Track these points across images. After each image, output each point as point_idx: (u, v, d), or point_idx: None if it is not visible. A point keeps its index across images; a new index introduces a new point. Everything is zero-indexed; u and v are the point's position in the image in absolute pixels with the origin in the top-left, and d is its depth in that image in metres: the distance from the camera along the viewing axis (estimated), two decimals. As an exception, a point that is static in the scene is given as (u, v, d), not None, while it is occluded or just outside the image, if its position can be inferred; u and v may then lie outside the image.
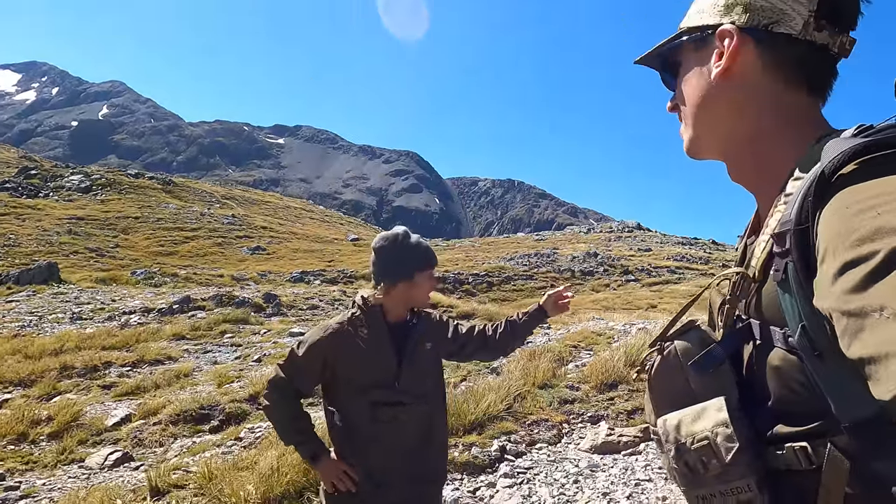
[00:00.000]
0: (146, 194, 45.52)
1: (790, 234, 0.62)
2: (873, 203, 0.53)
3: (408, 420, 1.97)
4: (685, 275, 29.19)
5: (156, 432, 5.36)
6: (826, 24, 0.72)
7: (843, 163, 0.59)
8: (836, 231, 0.55)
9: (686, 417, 0.76)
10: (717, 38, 0.77)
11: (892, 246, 0.47)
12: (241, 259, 31.91)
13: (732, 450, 0.70)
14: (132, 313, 12.06)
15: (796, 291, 0.62)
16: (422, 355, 2.06)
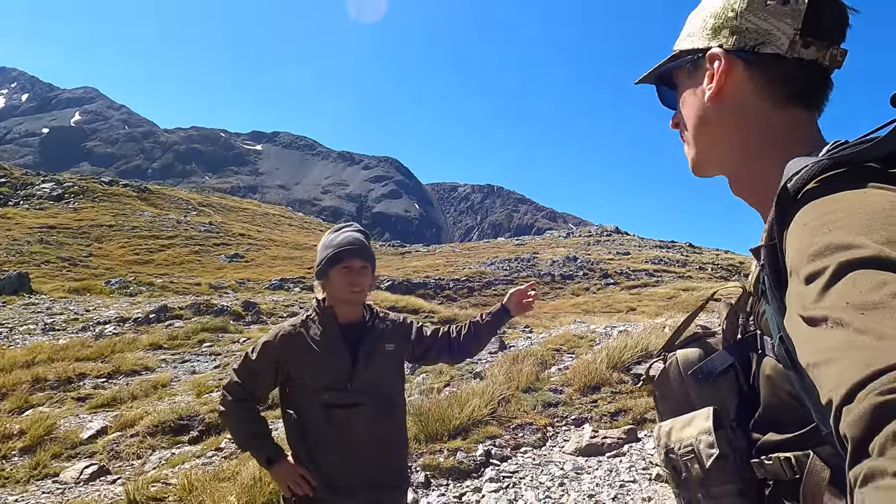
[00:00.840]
0: (120, 202, 44.67)
1: (763, 250, 0.65)
2: (827, 220, 0.55)
3: (360, 422, 1.93)
4: (663, 278, 29.54)
5: (133, 444, 5.24)
6: (813, 41, 0.73)
7: (807, 180, 0.60)
8: (796, 248, 0.57)
9: (677, 424, 0.81)
10: (707, 60, 0.79)
11: (840, 261, 0.50)
12: (219, 267, 31.47)
13: (712, 456, 0.73)
14: (107, 323, 11.80)
15: (772, 303, 0.64)
16: (380, 357, 2.01)
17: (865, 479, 0.40)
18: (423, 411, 4.73)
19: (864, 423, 0.42)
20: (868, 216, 0.53)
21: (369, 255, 2.01)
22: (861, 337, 0.45)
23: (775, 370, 0.69)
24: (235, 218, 53.15)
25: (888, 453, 0.40)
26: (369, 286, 2.02)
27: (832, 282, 0.50)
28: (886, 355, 0.43)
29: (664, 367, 0.88)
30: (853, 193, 0.57)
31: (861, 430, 0.42)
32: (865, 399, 0.43)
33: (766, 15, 0.74)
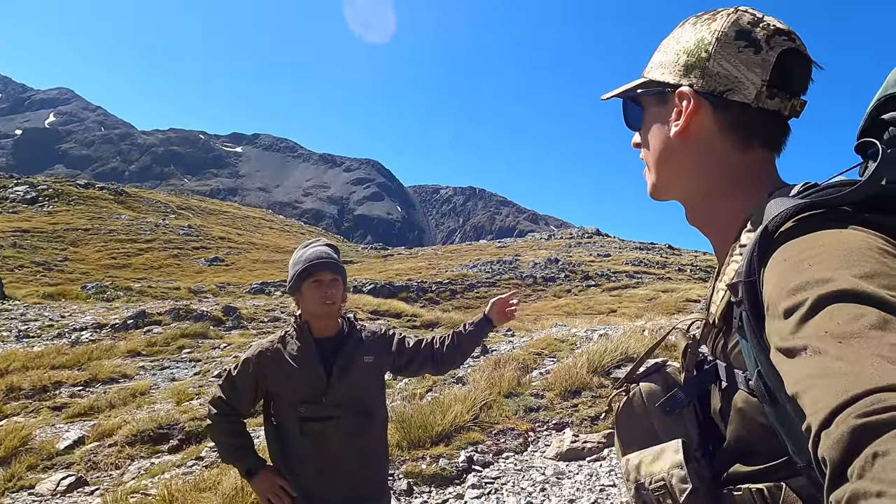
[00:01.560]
0: (97, 205, 43.90)
1: (741, 286, 0.66)
2: (805, 256, 0.58)
3: (335, 435, 1.94)
4: (643, 279, 29.88)
5: (111, 454, 5.17)
6: (778, 92, 0.77)
7: (785, 220, 0.64)
8: (775, 283, 0.60)
9: (646, 458, 0.80)
10: (677, 97, 0.82)
11: (818, 294, 0.53)
12: (199, 271, 31.09)
13: (686, 491, 0.73)
14: (83, 330, 11.61)
15: (750, 338, 0.66)
16: (357, 370, 2.01)
17: (849, 501, 0.40)
18: (406, 418, 4.74)
19: (843, 446, 0.43)
20: (846, 252, 0.56)
21: (339, 267, 2.03)
22: (838, 363, 0.47)
23: (748, 403, 0.71)
24: (215, 221, 52.54)
25: (867, 475, 0.40)
26: (342, 298, 2.03)
27: (810, 314, 0.53)
28: (864, 381, 0.45)
29: (627, 399, 0.89)
30: (832, 232, 0.60)
31: (840, 454, 0.43)
32: (844, 423, 0.44)
33: (738, 62, 0.77)
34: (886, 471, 0.39)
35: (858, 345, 0.48)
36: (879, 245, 0.57)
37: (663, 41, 0.88)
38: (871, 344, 0.47)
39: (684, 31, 0.84)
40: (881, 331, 0.48)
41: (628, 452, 0.85)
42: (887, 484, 0.39)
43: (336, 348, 2.02)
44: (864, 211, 0.63)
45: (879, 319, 0.48)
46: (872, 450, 0.41)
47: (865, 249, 0.56)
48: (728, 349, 0.76)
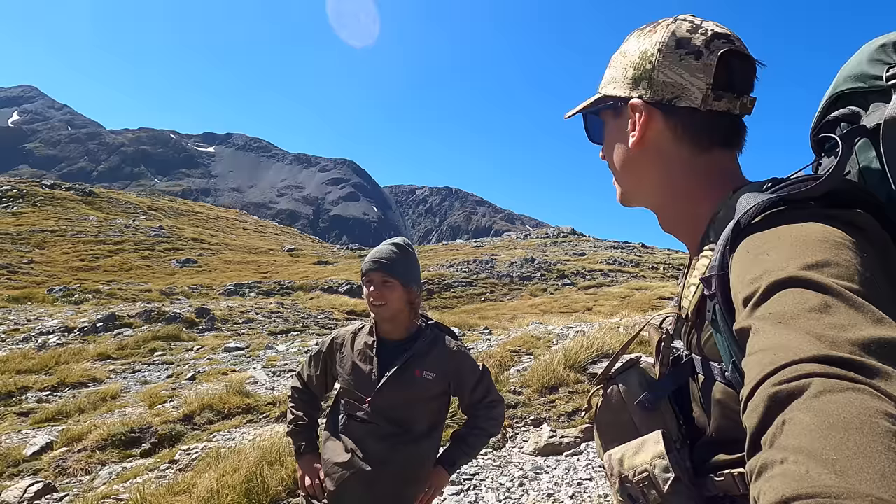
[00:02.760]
0: (63, 206, 42.77)
1: (714, 279, 0.69)
2: (764, 249, 0.61)
3: (369, 440, 1.91)
4: (618, 277, 30.26)
5: (81, 459, 5.04)
6: (724, 93, 0.80)
7: (755, 215, 0.66)
8: (738, 274, 0.63)
9: (628, 451, 0.81)
10: (630, 109, 0.85)
11: (770, 280, 0.56)
12: (171, 272, 30.50)
13: (669, 480, 0.75)
14: (50, 333, 11.29)
15: (724, 330, 0.68)
16: (410, 381, 1.93)
17: (759, 471, 0.42)
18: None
19: (759, 414, 0.45)
20: (802, 243, 0.59)
21: (391, 268, 1.97)
22: (772, 340, 0.50)
23: (725, 393, 0.73)
24: (187, 222, 51.63)
25: (777, 443, 0.42)
26: (399, 300, 1.98)
27: (762, 299, 0.56)
28: (789, 354, 0.47)
29: (605, 396, 0.90)
30: (793, 226, 0.63)
31: (756, 421, 0.45)
32: (762, 392, 0.46)
33: (681, 69, 0.80)
34: (790, 438, 0.41)
35: (795, 324, 0.50)
36: (835, 237, 0.59)
37: (613, 56, 0.91)
38: (808, 324, 0.49)
39: (629, 45, 0.87)
40: (820, 313, 0.50)
41: (609, 448, 0.86)
42: (790, 451, 0.40)
43: (399, 354, 1.97)
44: (825, 205, 0.66)
45: (821, 303, 0.51)
46: (782, 418, 0.43)
47: (821, 241, 0.59)
48: (702, 342, 0.77)
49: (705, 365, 0.77)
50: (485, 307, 24.03)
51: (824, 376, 0.44)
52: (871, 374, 0.44)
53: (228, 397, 6.24)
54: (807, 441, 0.40)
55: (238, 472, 3.83)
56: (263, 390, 7.03)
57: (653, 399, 0.85)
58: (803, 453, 0.39)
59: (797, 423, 0.42)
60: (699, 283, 0.77)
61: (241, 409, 6.12)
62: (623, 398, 0.88)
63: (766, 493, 0.40)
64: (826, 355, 0.45)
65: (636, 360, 0.93)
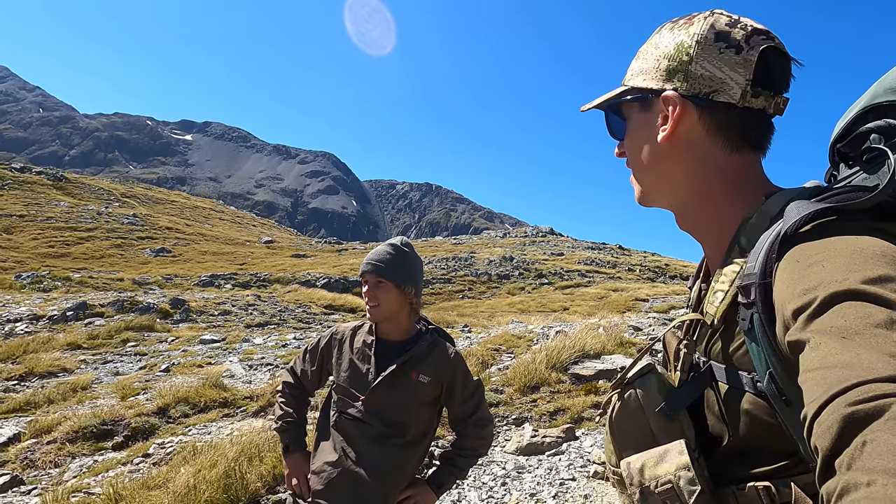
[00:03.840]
0: (33, 190, 41.60)
1: (755, 287, 0.66)
2: (818, 259, 0.59)
3: (360, 439, 1.89)
4: (594, 278, 30.54)
5: (50, 452, 4.89)
6: (762, 91, 0.78)
7: (804, 223, 0.64)
8: (786, 283, 0.61)
9: (649, 461, 0.78)
10: (662, 102, 0.81)
11: (827, 293, 0.54)
12: (144, 262, 29.89)
13: (695, 493, 0.72)
14: (18, 321, 10.97)
15: (761, 340, 0.66)
16: (406, 383, 1.93)
17: (841, 493, 0.41)
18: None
19: (833, 435, 0.44)
20: (859, 257, 0.57)
21: (384, 270, 1.95)
22: (838, 357, 0.48)
23: (755, 404, 0.71)
24: (162, 210, 50.66)
25: (856, 465, 0.40)
26: (394, 301, 1.95)
27: (819, 312, 0.54)
28: (860, 372, 0.45)
29: (623, 401, 0.87)
30: (847, 238, 0.61)
31: (829, 442, 0.44)
32: (835, 412, 0.44)
33: (720, 63, 0.78)
34: (874, 459, 0.40)
35: (861, 340, 0.48)
36: (891, 252, 0.58)
37: (641, 48, 0.88)
38: (875, 341, 0.48)
39: (662, 36, 0.84)
40: (887, 329, 0.48)
41: (626, 455, 0.83)
42: (877, 473, 0.39)
43: (396, 355, 1.95)
44: (873, 217, 0.64)
45: (886, 319, 0.49)
46: (862, 438, 0.42)
47: (879, 255, 0.57)
48: (730, 351, 0.75)
49: (731, 374, 0.75)
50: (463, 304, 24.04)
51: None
52: None
53: (204, 390, 6.12)
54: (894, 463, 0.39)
55: (216, 467, 3.75)
56: (240, 384, 6.91)
57: (672, 407, 0.82)
58: (892, 475, 0.38)
59: (883, 445, 0.40)
60: (730, 289, 0.74)
61: (217, 402, 6.01)
62: (642, 404, 0.85)
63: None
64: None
65: (653, 365, 0.90)
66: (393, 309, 1.96)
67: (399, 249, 2.01)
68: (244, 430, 4.83)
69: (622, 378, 0.91)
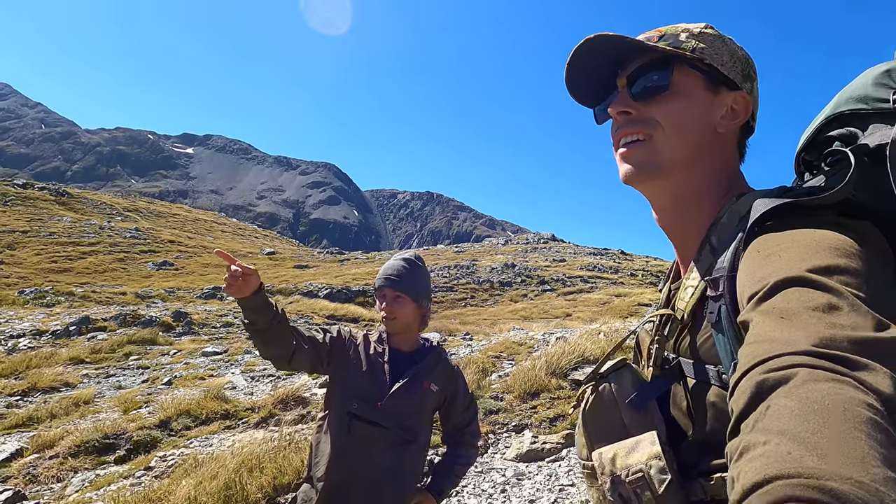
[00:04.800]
0: (36, 206, 41.81)
1: (724, 280, 0.70)
2: (775, 249, 0.63)
3: (378, 443, 1.91)
4: (597, 284, 30.51)
5: (53, 466, 4.91)
6: None
7: (769, 217, 0.69)
8: (747, 272, 0.64)
9: (621, 451, 0.80)
10: (738, 97, 0.86)
11: (777, 278, 0.58)
12: (146, 275, 29.97)
13: (665, 482, 0.74)
14: (21, 336, 11.01)
15: (728, 331, 0.69)
16: (420, 391, 1.99)
17: (741, 453, 0.43)
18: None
19: (745, 399, 0.47)
20: (813, 248, 0.61)
21: (402, 284, 2.01)
22: (770, 333, 0.52)
23: (720, 396, 0.73)
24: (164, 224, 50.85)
25: (759, 426, 0.44)
26: (410, 314, 2.03)
27: (767, 295, 0.57)
28: (783, 346, 0.49)
29: (596, 394, 0.90)
30: (805, 231, 0.65)
31: (742, 405, 0.47)
32: (750, 378, 0.48)
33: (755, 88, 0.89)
34: (773, 421, 0.43)
35: (797, 320, 0.52)
36: (846, 245, 0.61)
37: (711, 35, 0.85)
38: (808, 321, 0.51)
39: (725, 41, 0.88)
40: (822, 312, 0.52)
41: (598, 447, 0.85)
42: (773, 433, 0.42)
43: (409, 364, 2.02)
44: (836, 213, 0.68)
45: (825, 304, 0.53)
46: (767, 403, 0.45)
47: (832, 247, 0.60)
48: (698, 345, 0.77)
49: (698, 368, 0.77)
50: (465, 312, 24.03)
51: (812, 367, 0.46)
52: (857, 368, 0.46)
53: (206, 402, 6.14)
54: (790, 424, 0.41)
55: (216, 479, 3.76)
56: (242, 395, 6.93)
57: (642, 399, 0.85)
58: (786, 436, 0.41)
59: (781, 408, 0.43)
60: (699, 284, 0.77)
61: (218, 414, 6.03)
62: (615, 396, 0.88)
63: (746, 472, 0.41)
64: (818, 350, 0.47)
65: (627, 360, 0.93)
66: (409, 322, 2.04)
67: (414, 264, 2.09)
68: (245, 442, 4.84)
69: (596, 372, 0.93)
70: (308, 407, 6.12)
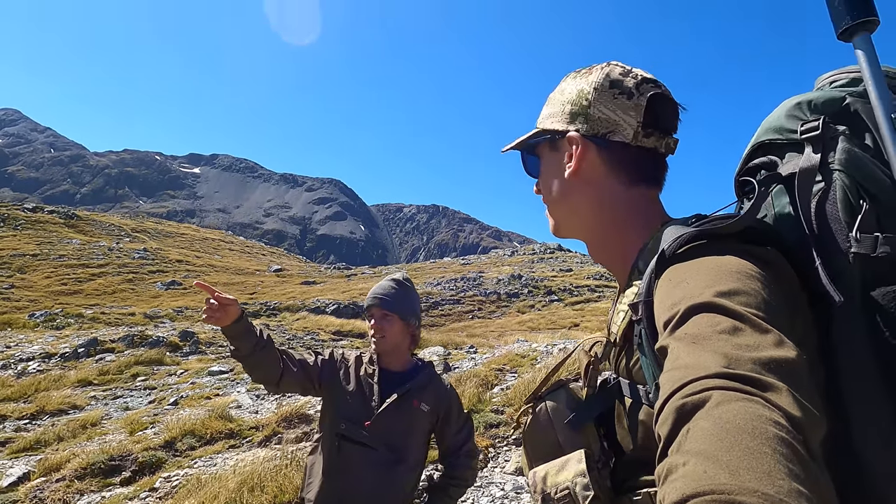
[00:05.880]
0: (46, 229, 42.31)
1: (641, 304, 0.74)
2: (684, 277, 0.67)
3: (365, 464, 1.93)
4: (605, 293, 30.41)
5: (59, 489, 4.96)
6: (652, 131, 0.88)
7: (679, 246, 0.72)
8: (660, 298, 0.68)
9: (552, 469, 0.85)
10: (567, 142, 0.91)
11: (687, 305, 0.61)
12: (155, 295, 30.17)
13: (588, 497, 0.78)
14: (30, 360, 11.12)
15: (648, 353, 0.73)
16: (409, 410, 2.01)
17: (666, 475, 0.46)
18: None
19: (669, 425, 0.50)
20: (717, 273, 0.65)
21: (390, 304, 2.06)
22: (685, 359, 0.55)
23: (648, 415, 0.76)
24: (172, 244, 51.24)
25: (681, 449, 0.47)
26: (399, 333, 2.06)
27: (680, 322, 0.61)
28: (697, 370, 0.52)
29: (534, 415, 0.94)
30: (711, 258, 0.69)
31: (666, 431, 0.50)
32: (671, 405, 0.51)
33: (614, 107, 0.88)
34: (691, 443, 0.46)
35: (707, 344, 0.55)
36: (747, 269, 0.65)
37: (550, 95, 0.98)
38: (717, 345, 0.55)
39: (566, 84, 0.94)
40: (729, 335, 0.56)
41: (535, 466, 0.88)
42: (691, 454, 0.45)
43: (398, 384, 2.04)
44: (741, 241, 0.72)
45: (731, 327, 0.57)
46: (687, 427, 0.48)
47: (734, 272, 0.65)
48: (630, 365, 0.81)
49: (633, 388, 0.80)
50: (473, 324, 24.02)
51: (724, 389, 0.49)
52: (765, 388, 0.49)
53: (210, 422, 6.19)
54: (705, 445, 0.44)
55: (217, 499, 3.80)
56: (247, 414, 6.97)
57: (578, 419, 0.88)
58: (702, 455, 0.44)
59: (698, 430, 0.46)
60: (628, 309, 0.81)
61: (223, 433, 6.07)
62: (550, 417, 0.92)
63: (669, 493, 0.43)
64: (727, 372, 0.51)
65: (565, 381, 0.97)
66: (397, 340, 2.07)
67: (402, 284, 2.14)
68: (248, 461, 4.88)
69: (535, 393, 0.98)
70: (312, 424, 6.15)
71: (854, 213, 0.69)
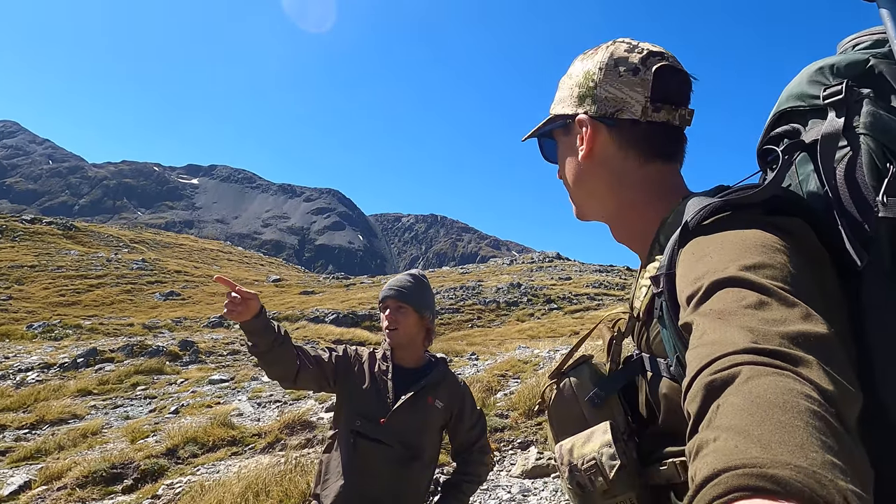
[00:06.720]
0: (44, 241, 42.22)
1: (662, 277, 0.73)
2: (707, 251, 0.67)
3: (381, 461, 1.92)
4: (604, 301, 30.39)
5: (60, 498, 4.92)
6: (662, 105, 0.86)
7: (702, 219, 0.72)
8: (682, 273, 0.68)
9: (578, 441, 0.85)
10: (577, 125, 0.91)
11: (711, 280, 0.61)
12: (153, 306, 30.08)
13: (615, 467, 0.78)
14: (29, 370, 11.06)
15: (669, 325, 0.72)
16: (424, 407, 2.00)
17: (697, 451, 0.46)
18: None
19: (699, 401, 0.50)
20: (742, 247, 0.64)
21: (406, 295, 2.06)
22: (712, 335, 0.55)
23: (670, 388, 0.76)
24: (171, 254, 51.17)
25: (711, 425, 0.46)
26: (413, 326, 2.05)
27: (704, 297, 0.61)
28: (725, 346, 0.52)
29: (558, 391, 0.94)
30: (735, 231, 0.68)
31: (696, 408, 0.50)
32: (700, 381, 0.51)
33: (620, 85, 0.87)
34: (722, 418, 0.45)
35: (733, 319, 0.55)
36: (772, 242, 0.65)
37: (560, 80, 0.98)
38: (743, 319, 0.54)
39: (574, 67, 0.95)
40: (755, 309, 0.55)
41: (560, 440, 0.89)
42: (722, 430, 0.44)
43: (413, 380, 2.03)
44: (766, 212, 0.71)
45: (757, 301, 0.56)
46: (717, 403, 0.47)
47: (759, 245, 0.64)
48: (651, 340, 0.81)
49: (653, 362, 0.81)
50: (472, 333, 23.97)
51: (753, 364, 0.49)
52: (794, 362, 0.48)
53: (213, 429, 6.16)
54: (736, 420, 0.44)
55: (222, 503, 3.77)
56: (249, 422, 6.94)
57: (602, 394, 0.88)
58: (733, 430, 0.43)
59: (729, 405, 0.46)
60: (650, 284, 0.81)
61: (225, 441, 6.04)
62: (574, 392, 0.92)
63: (700, 469, 0.43)
64: (755, 347, 0.50)
65: (588, 357, 0.97)
66: (411, 334, 2.06)
67: (418, 278, 2.15)
68: (251, 467, 4.85)
69: (559, 369, 0.98)
70: (314, 431, 6.12)
71: (881, 177, 0.67)
